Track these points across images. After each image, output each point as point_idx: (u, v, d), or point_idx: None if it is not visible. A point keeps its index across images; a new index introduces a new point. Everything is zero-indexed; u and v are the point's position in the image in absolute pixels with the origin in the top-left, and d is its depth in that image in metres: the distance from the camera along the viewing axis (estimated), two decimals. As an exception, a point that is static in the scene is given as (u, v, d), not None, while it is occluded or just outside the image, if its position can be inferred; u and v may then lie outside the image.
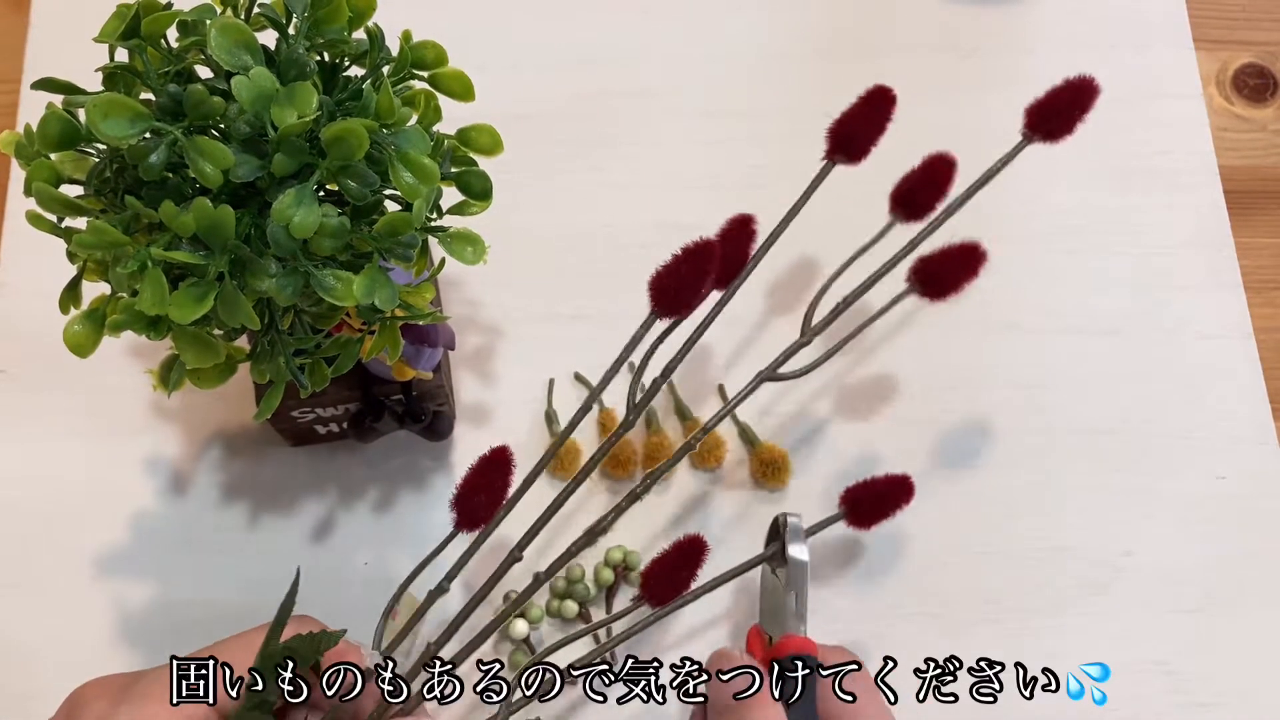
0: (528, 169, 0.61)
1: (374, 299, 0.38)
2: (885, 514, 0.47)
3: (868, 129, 0.45)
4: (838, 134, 0.46)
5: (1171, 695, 0.53)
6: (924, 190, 0.46)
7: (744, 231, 0.45)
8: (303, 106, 0.36)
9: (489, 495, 0.40)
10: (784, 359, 0.45)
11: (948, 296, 0.45)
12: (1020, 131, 0.47)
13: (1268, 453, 0.57)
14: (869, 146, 0.46)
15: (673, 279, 0.41)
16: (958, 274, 0.45)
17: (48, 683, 0.52)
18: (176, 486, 0.55)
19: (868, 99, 0.46)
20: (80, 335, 0.39)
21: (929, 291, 0.45)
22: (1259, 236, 0.62)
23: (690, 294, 0.41)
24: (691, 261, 0.41)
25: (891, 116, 0.46)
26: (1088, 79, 0.46)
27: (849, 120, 0.46)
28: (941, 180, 0.46)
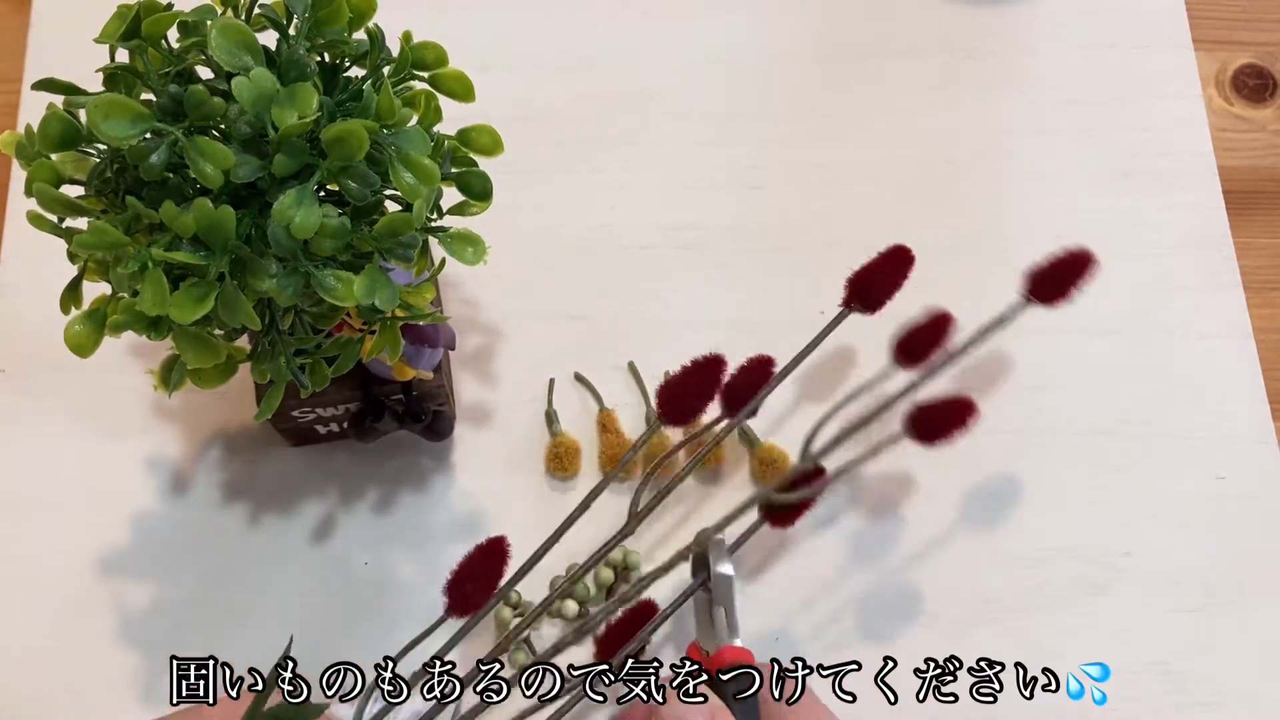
0: (528, 169, 0.61)
1: (374, 299, 0.38)
2: (799, 513, 0.48)
3: (885, 282, 0.50)
4: (855, 285, 0.50)
5: (1171, 695, 0.53)
6: (924, 341, 0.49)
7: (762, 368, 0.48)
8: (303, 107, 0.36)
9: (482, 583, 0.42)
10: (783, 486, 0.47)
11: (937, 444, 0.48)
12: (1019, 293, 0.51)
13: (1268, 453, 0.57)
14: (885, 299, 0.50)
15: (680, 391, 0.45)
16: (949, 425, 0.48)
17: (48, 683, 0.52)
18: (177, 486, 0.55)
19: (888, 255, 0.50)
20: (81, 335, 0.39)
21: (921, 437, 0.48)
22: (1258, 236, 0.62)
23: (694, 407, 0.45)
24: (699, 375, 0.45)
25: (909, 274, 0.50)
26: (1084, 251, 0.50)
27: (867, 273, 0.50)
28: (940, 333, 0.50)
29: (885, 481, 0.56)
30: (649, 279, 0.60)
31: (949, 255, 0.61)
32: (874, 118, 0.64)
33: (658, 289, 0.60)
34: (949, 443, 0.48)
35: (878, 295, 0.49)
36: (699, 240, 0.61)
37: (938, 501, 0.56)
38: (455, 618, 0.42)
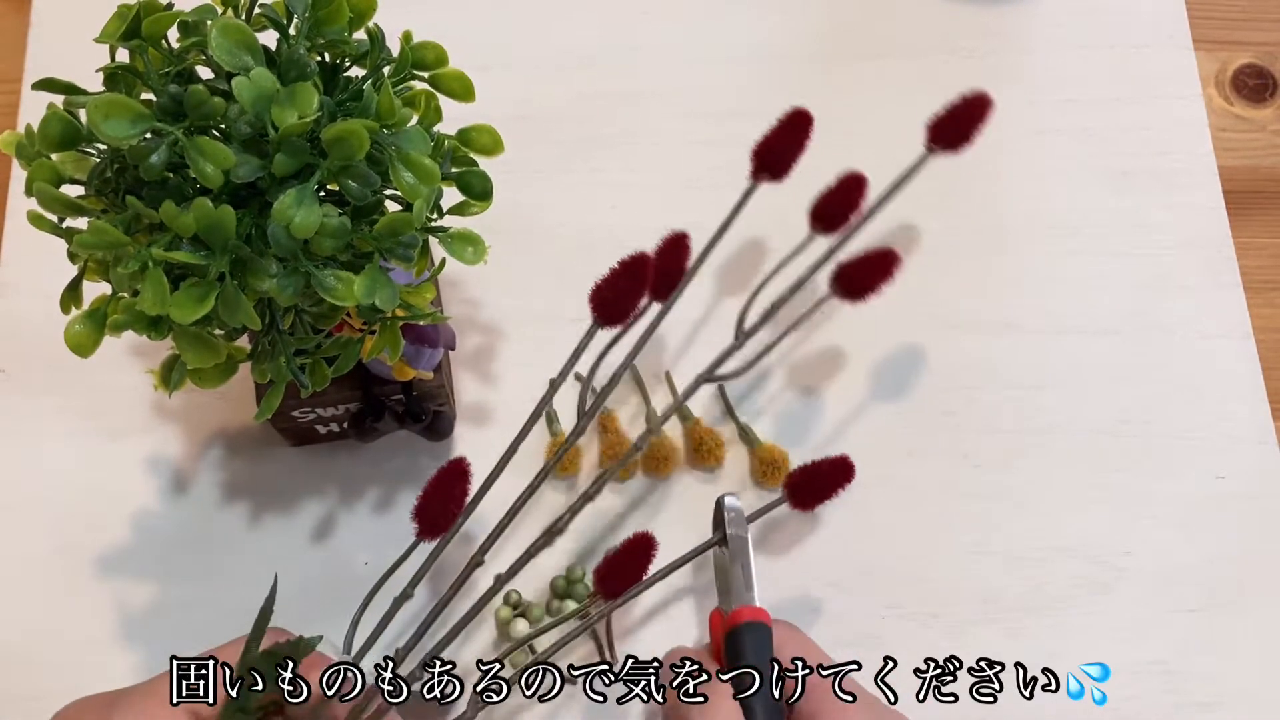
0: (528, 169, 0.61)
1: (374, 299, 0.38)
2: (826, 495, 0.49)
3: (790, 149, 0.51)
4: (760, 155, 0.51)
5: (1171, 695, 0.53)
6: (838, 205, 0.50)
7: (679, 247, 0.49)
8: (303, 107, 0.36)
9: (448, 504, 0.42)
10: (720, 361, 0.48)
11: (865, 298, 0.48)
12: (923, 145, 0.51)
13: (1268, 453, 0.57)
14: (790, 165, 0.51)
15: (611, 291, 0.45)
16: (873, 277, 0.49)
17: (49, 683, 0.52)
18: (177, 486, 0.55)
19: (788, 121, 0.51)
20: (81, 335, 0.39)
21: (848, 294, 0.49)
22: (1258, 236, 0.62)
23: (627, 305, 0.45)
24: (627, 274, 0.45)
25: (809, 136, 0.51)
26: (982, 95, 0.52)
27: (770, 141, 0.51)
28: (854, 196, 0.50)
29: (885, 481, 0.56)
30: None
31: (949, 255, 0.61)
32: (874, 117, 0.64)
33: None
34: (876, 295, 0.48)
35: (783, 160, 0.50)
36: (699, 240, 0.60)
37: (937, 501, 0.56)
38: (426, 540, 0.42)
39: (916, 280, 0.60)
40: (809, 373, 0.58)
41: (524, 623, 0.52)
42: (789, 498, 0.49)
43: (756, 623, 0.45)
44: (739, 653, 0.45)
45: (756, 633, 0.45)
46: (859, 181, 0.51)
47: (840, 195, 0.50)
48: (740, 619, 0.46)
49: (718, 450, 0.55)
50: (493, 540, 0.44)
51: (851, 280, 0.48)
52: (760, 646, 0.45)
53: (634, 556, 0.43)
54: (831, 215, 0.50)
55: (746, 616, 0.46)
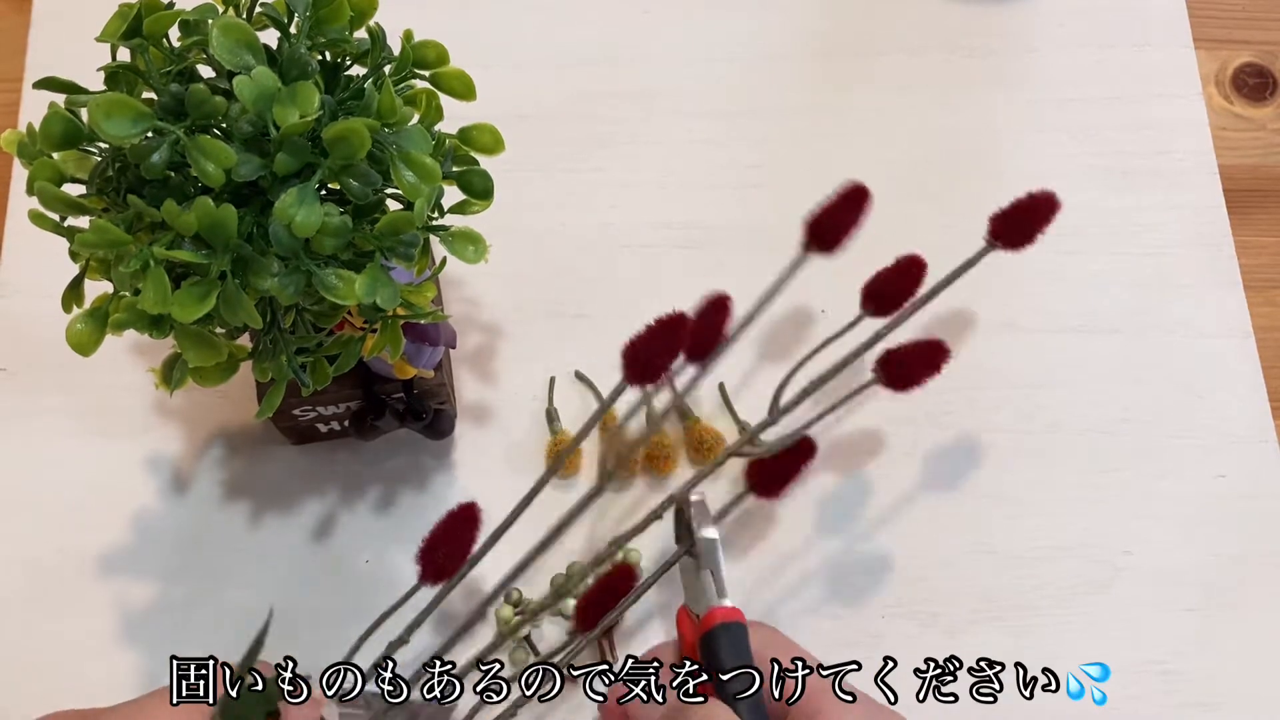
0: (529, 168, 0.61)
1: (376, 298, 0.38)
2: (788, 480, 0.46)
3: (844, 223, 0.47)
4: (814, 228, 0.47)
5: (1171, 695, 0.53)
6: (894, 288, 0.48)
7: (720, 309, 0.46)
8: (305, 106, 0.36)
9: (455, 549, 0.41)
10: (751, 437, 0.46)
11: (910, 390, 0.47)
12: (984, 239, 0.50)
13: (1268, 452, 0.57)
14: (842, 240, 0.47)
15: (644, 350, 0.42)
16: (921, 370, 0.47)
17: (48, 683, 0.52)
18: (178, 485, 0.55)
19: (845, 196, 0.48)
20: (83, 334, 0.39)
21: (893, 384, 0.47)
22: (1259, 236, 0.62)
23: (660, 365, 0.42)
24: (664, 333, 0.43)
25: (867, 212, 0.48)
26: (1049, 195, 0.49)
27: (826, 215, 0.47)
28: (912, 279, 0.48)
29: (885, 481, 0.56)
30: (650, 278, 0.60)
31: (949, 255, 0.61)
32: (874, 117, 0.64)
33: (658, 288, 0.60)
34: (920, 387, 0.47)
35: (834, 234, 0.47)
36: (700, 239, 0.61)
37: (937, 501, 0.56)
38: (429, 585, 0.41)
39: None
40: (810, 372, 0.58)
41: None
42: (753, 487, 0.46)
43: (732, 623, 0.44)
44: (716, 655, 0.43)
45: (732, 633, 0.44)
46: (918, 265, 0.48)
47: (897, 277, 0.48)
48: (714, 620, 0.44)
49: (718, 449, 0.55)
50: (500, 591, 0.43)
51: (898, 370, 0.47)
52: (738, 647, 0.43)
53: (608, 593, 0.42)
54: (886, 297, 0.48)
55: (720, 617, 0.44)
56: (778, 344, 0.58)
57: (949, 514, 0.56)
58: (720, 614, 0.44)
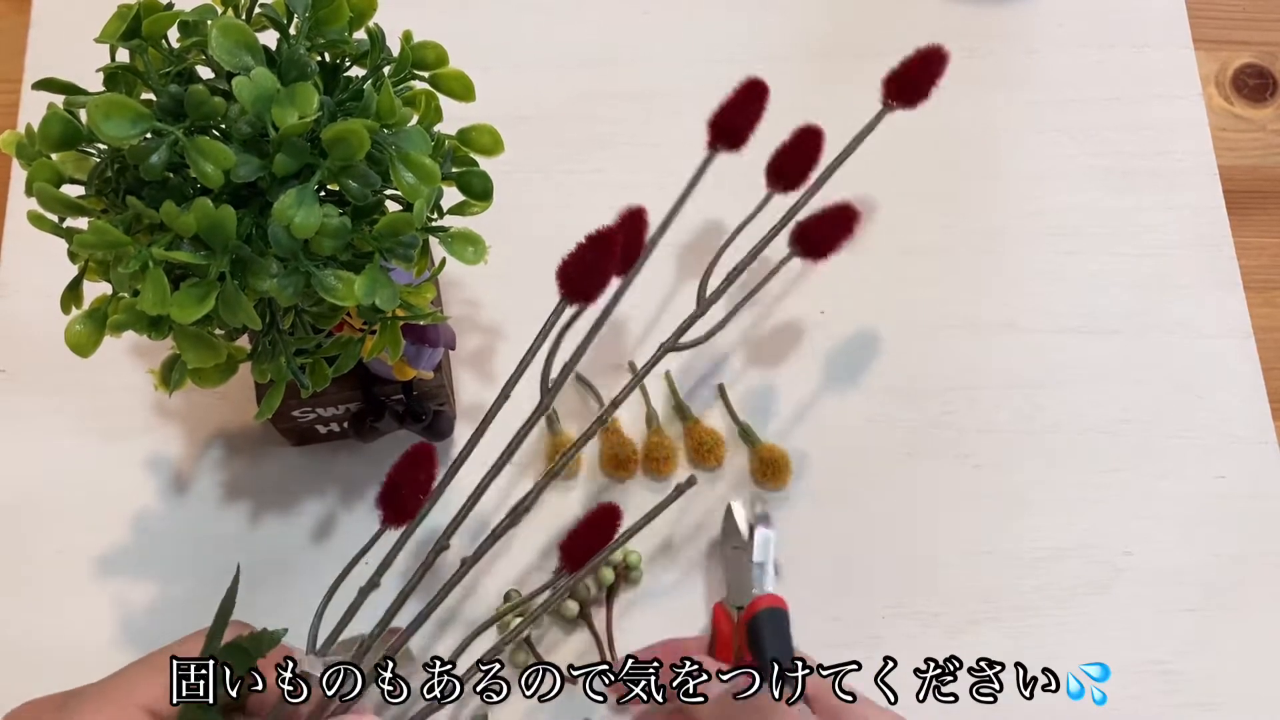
0: (528, 169, 0.61)
1: (375, 299, 0.38)
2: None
3: (747, 119, 0.50)
4: (717, 125, 0.50)
5: (1171, 695, 0.53)
6: (795, 162, 0.49)
7: (638, 221, 0.48)
8: (304, 107, 0.36)
9: (413, 490, 0.41)
10: (684, 329, 0.47)
11: (826, 256, 0.48)
12: (881, 102, 0.51)
13: (1268, 453, 0.57)
14: (747, 134, 0.50)
15: (579, 266, 0.43)
16: (834, 234, 0.48)
17: (48, 683, 0.52)
18: (177, 486, 0.55)
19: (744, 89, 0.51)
20: (82, 335, 0.39)
21: (808, 253, 0.48)
22: (1259, 236, 0.62)
23: (597, 280, 0.43)
24: (594, 249, 0.44)
25: (765, 105, 0.50)
26: (938, 49, 0.51)
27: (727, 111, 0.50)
28: (811, 150, 0.49)
29: (885, 481, 0.56)
30: (649, 278, 0.60)
31: (949, 255, 0.61)
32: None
33: (658, 288, 0.60)
34: (836, 252, 0.48)
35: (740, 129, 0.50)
36: (700, 240, 0.61)
37: (937, 501, 0.56)
38: (392, 528, 0.41)
39: (916, 280, 0.60)
40: (809, 373, 0.58)
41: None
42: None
43: (777, 609, 0.48)
44: (759, 637, 0.47)
45: (776, 617, 0.47)
46: (815, 135, 0.50)
47: (797, 150, 0.49)
48: (759, 605, 0.48)
49: (718, 450, 0.55)
50: (457, 524, 0.43)
51: (811, 238, 0.48)
52: (779, 629, 0.47)
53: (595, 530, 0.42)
54: (789, 172, 0.49)
55: (765, 603, 0.48)
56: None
57: (949, 514, 0.56)
58: (766, 600, 0.48)
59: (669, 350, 0.47)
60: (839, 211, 0.48)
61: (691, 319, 0.47)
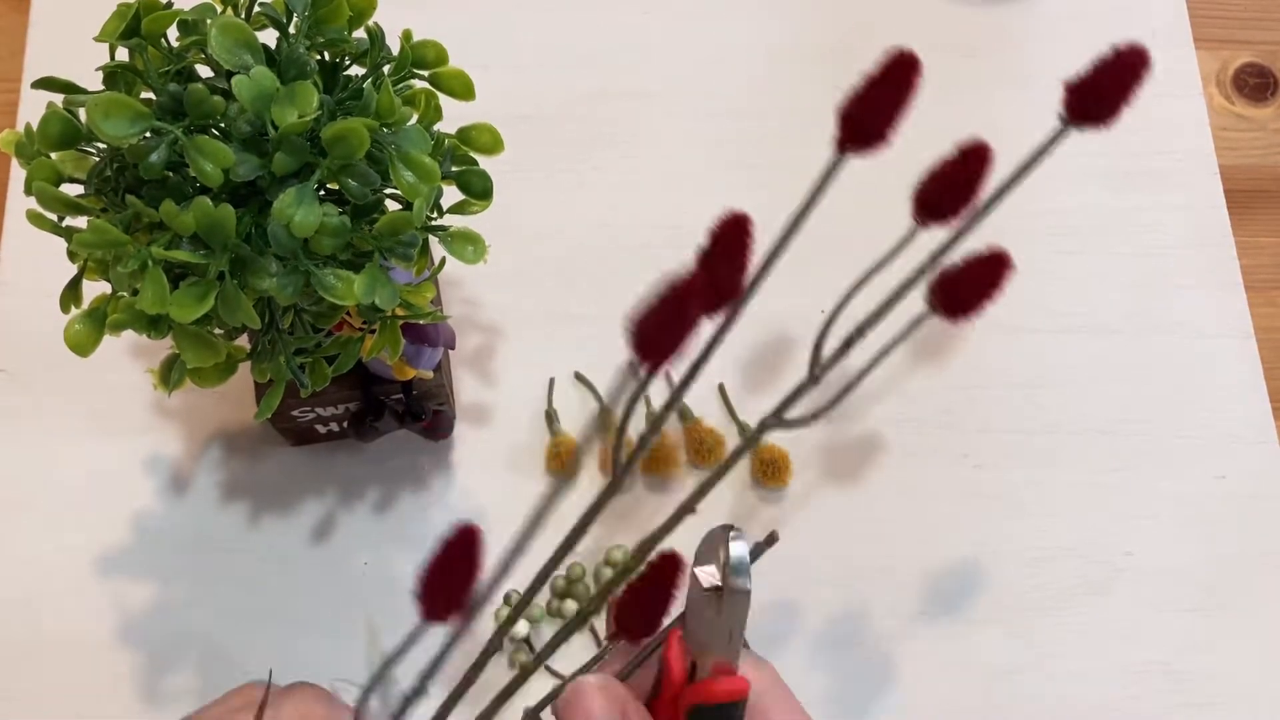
0: (528, 168, 0.61)
1: (374, 298, 0.38)
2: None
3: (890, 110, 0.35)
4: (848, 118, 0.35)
5: (1171, 695, 0.53)
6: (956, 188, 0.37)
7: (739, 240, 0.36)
8: (303, 106, 0.36)
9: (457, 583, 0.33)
10: (789, 402, 0.38)
11: (970, 316, 0.38)
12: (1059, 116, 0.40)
13: (1268, 453, 0.57)
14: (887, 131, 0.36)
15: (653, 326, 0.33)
16: (984, 291, 0.37)
17: (49, 683, 0.52)
18: (177, 486, 0.55)
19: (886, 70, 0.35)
20: (81, 334, 0.39)
21: (953, 312, 0.38)
22: (1259, 236, 0.62)
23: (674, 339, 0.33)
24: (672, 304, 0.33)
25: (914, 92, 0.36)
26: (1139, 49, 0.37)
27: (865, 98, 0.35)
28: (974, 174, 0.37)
29: (885, 481, 0.56)
30: (649, 278, 0.59)
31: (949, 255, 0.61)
32: (874, 117, 0.64)
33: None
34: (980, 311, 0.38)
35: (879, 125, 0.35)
36: (699, 240, 0.60)
37: (937, 501, 0.56)
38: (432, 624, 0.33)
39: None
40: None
41: (524, 622, 0.52)
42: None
43: (731, 705, 0.36)
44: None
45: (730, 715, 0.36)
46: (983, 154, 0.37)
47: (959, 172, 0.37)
48: (715, 696, 0.36)
49: (718, 450, 0.55)
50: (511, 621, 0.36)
51: (959, 293, 0.37)
52: None
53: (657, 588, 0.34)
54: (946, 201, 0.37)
55: (723, 694, 0.36)
56: (774, 346, 0.58)
57: (949, 514, 0.56)
58: (722, 690, 0.37)
59: (772, 428, 0.38)
60: (991, 261, 0.38)
61: (802, 389, 0.38)
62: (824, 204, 0.53)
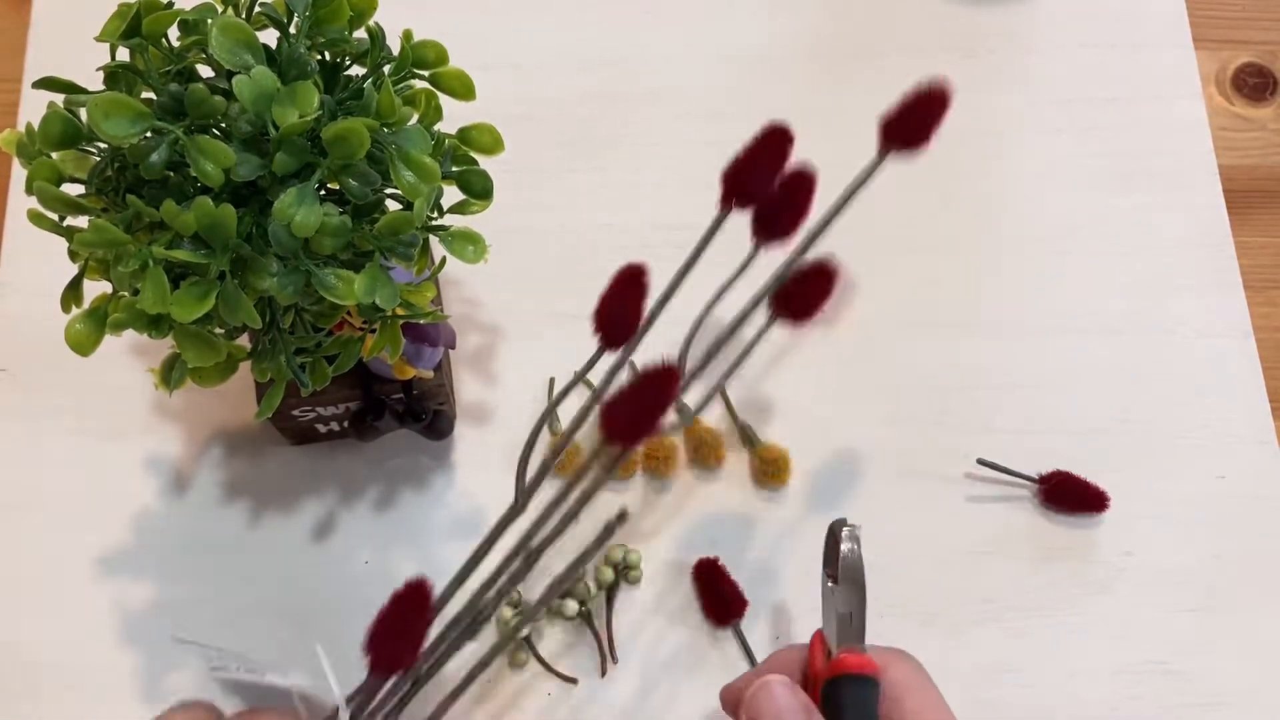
0: (528, 168, 0.61)
1: (375, 298, 0.38)
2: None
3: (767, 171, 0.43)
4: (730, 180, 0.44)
5: (1171, 695, 0.53)
6: (787, 212, 0.43)
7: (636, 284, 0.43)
8: (304, 106, 0.36)
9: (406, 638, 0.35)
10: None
11: (810, 320, 0.42)
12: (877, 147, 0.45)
13: (1268, 453, 0.57)
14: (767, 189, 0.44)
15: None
16: (817, 297, 0.42)
17: (49, 683, 0.52)
18: (177, 486, 0.55)
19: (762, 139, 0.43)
20: (82, 334, 0.39)
21: (794, 317, 0.42)
22: (1259, 236, 0.62)
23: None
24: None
25: (788, 156, 0.43)
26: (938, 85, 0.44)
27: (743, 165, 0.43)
28: (803, 196, 0.43)
29: (885, 481, 0.56)
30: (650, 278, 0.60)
31: (949, 255, 0.61)
32: (874, 118, 0.64)
33: (658, 288, 0.59)
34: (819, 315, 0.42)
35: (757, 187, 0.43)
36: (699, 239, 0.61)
37: (938, 501, 0.56)
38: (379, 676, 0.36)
39: (917, 280, 0.60)
40: (809, 372, 0.58)
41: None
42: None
43: (862, 677, 0.40)
44: (838, 711, 0.39)
45: (862, 688, 0.39)
46: (808, 180, 0.43)
47: (789, 195, 0.43)
48: (843, 668, 0.40)
49: (718, 450, 0.55)
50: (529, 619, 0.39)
51: (792, 303, 0.42)
52: (863, 707, 0.39)
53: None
54: (782, 222, 0.43)
55: (852, 666, 0.40)
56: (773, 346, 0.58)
57: (949, 514, 0.56)
58: (851, 662, 0.40)
59: None
60: (818, 271, 0.43)
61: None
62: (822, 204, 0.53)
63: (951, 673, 0.53)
